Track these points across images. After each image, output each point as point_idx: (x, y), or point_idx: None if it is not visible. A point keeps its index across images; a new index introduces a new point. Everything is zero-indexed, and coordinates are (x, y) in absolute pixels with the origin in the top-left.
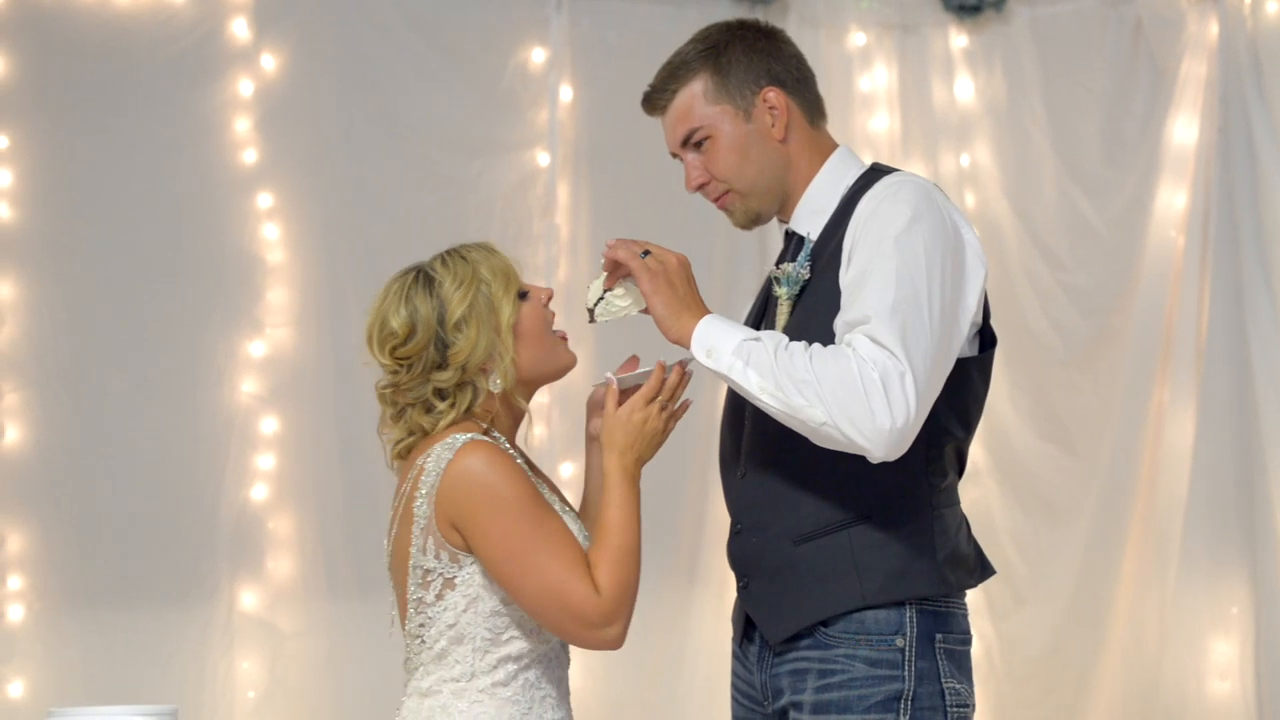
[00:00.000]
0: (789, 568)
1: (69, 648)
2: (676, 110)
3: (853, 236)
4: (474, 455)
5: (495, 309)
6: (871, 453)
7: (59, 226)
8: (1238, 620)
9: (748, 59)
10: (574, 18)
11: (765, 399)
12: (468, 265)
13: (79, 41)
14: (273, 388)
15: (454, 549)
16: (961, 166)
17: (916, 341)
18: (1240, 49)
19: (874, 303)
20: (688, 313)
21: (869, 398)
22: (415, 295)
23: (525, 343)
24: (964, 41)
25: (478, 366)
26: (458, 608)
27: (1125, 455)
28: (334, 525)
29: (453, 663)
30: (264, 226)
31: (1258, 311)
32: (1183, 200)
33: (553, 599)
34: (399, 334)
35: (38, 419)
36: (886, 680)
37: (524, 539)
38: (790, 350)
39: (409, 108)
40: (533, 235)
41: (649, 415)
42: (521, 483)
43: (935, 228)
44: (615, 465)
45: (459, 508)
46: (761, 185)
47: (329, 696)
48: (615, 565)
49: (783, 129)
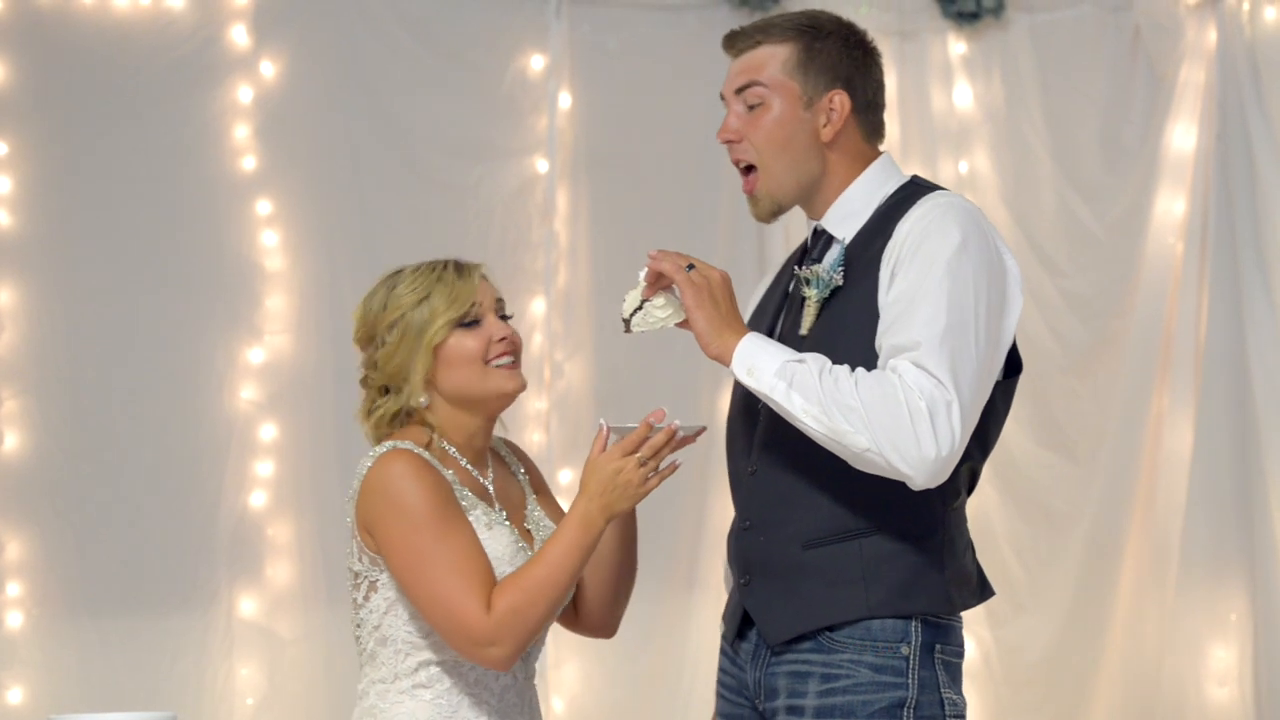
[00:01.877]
0: (796, 570)
1: (68, 654)
2: (751, 59)
3: (895, 253)
4: (390, 464)
5: (424, 326)
6: (913, 480)
7: (58, 233)
8: (1236, 627)
9: (837, 56)
10: (573, 24)
11: (809, 422)
12: (431, 276)
13: (78, 48)
14: (272, 394)
15: (372, 554)
16: (960, 173)
17: (964, 370)
18: (1239, 56)
19: (923, 330)
20: (728, 330)
21: (915, 426)
22: (381, 289)
23: (446, 368)
24: (963, 48)
25: (395, 374)
26: (380, 610)
27: (1124, 462)
28: (333, 532)
29: (380, 664)
30: (263, 233)
31: (1256, 318)
32: (1181, 207)
33: (441, 609)
34: (356, 320)
35: (37, 425)
36: (891, 687)
37: (421, 550)
38: (835, 375)
39: (408, 114)
40: (532, 241)
41: (623, 467)
42: (428, 494)
43: (983, 255)
44: (578, 508)
45: (370, 514)
46: (790, 175)
47: (327, 703)
48: (518, 591)
49: (833, 133)
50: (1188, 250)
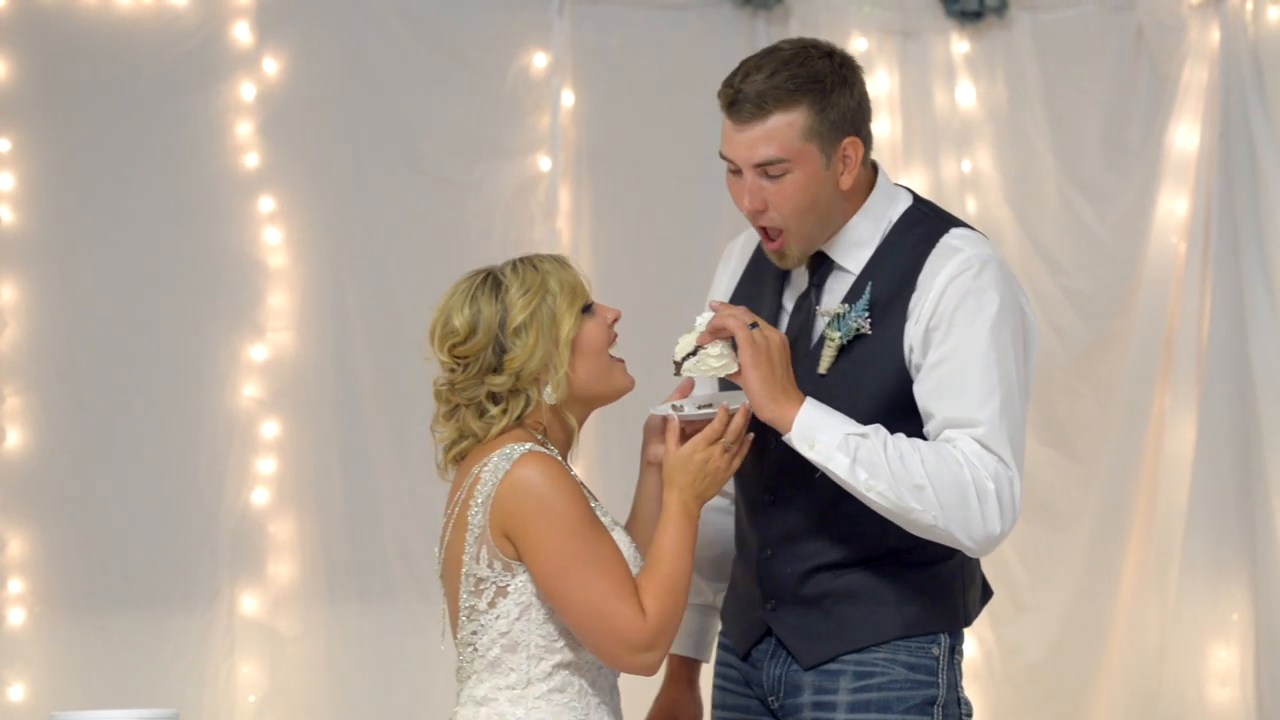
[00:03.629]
0: (826, 596)
1: (70, 651)
2: (766, 132)
3: (927, 309)
4: (531, 467)
5: (557, 321)
6: (974, 552)
7: (61, 230)
8: (1238, 627)
9: (844, 103)
10: (576, 23)
11: (873, 497)
12: (537, 274)
13: (81, 45)
14: (274, 392)
15: (506, 559)
16: (963, 172)
17: (1018, 442)
18: (1242, 55)
19: (981, 410)
20: (784, 396)
21: (983, 507)
22: (481, 297)
23: (582, 358)
24: (965, 47)
25: (532, 375)
26: (511, 615)
27: (1126, 461)
28: (335, 529)
29: (507, 670)
30: (265, 230)
31: (1259, 318)
32: (1184, 206)
33: (597, 618)
34: (459, 332)
35: (39, 422)
36: (924, 685)
37: (574, 556)
38: (900, 451)
39: (411, 112)
40: (534, 240)
41: (711, 456)
42: (577, 498)
43: (1015, 315)
44: (675, 501)
45: (513, 519)
46: (818, 230)
47: (329, 701)
48: (663, 592)
49: (851, 180)
50: (1190, 250)
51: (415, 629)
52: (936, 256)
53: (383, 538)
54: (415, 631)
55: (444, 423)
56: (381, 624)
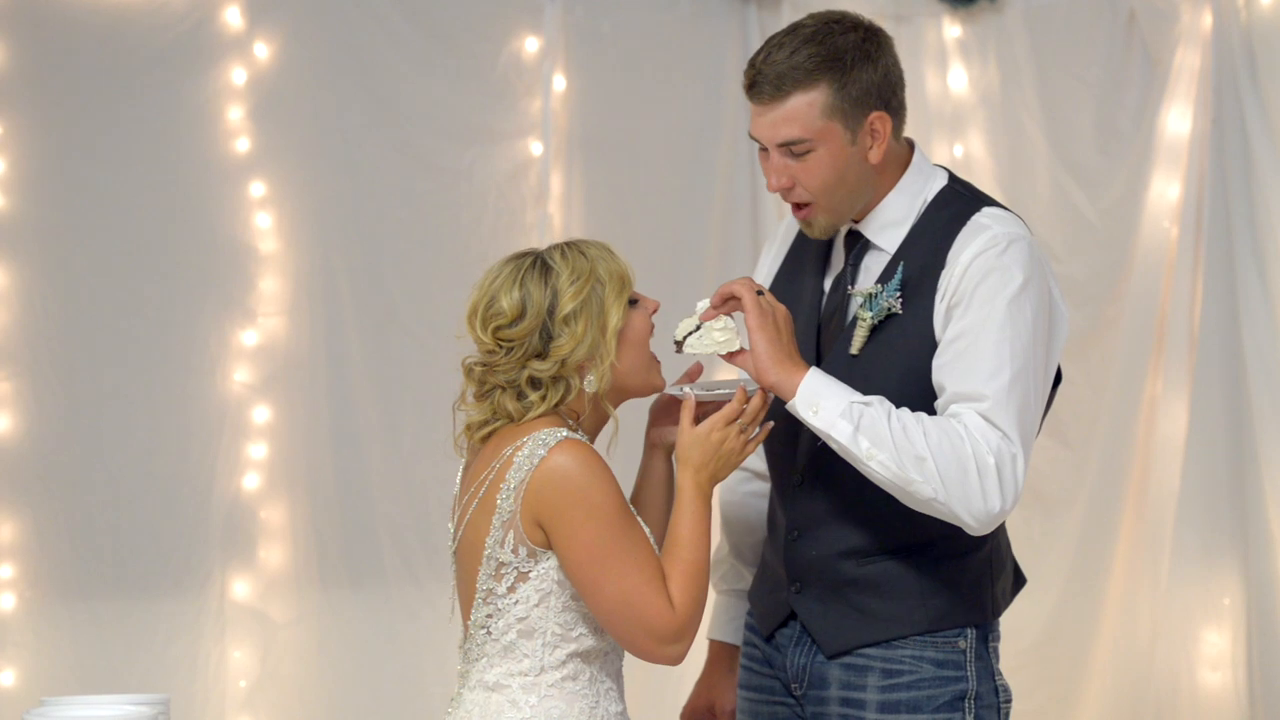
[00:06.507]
0: (851, 584)
1: (61, 637)
2: (787, 112)
3: (952, 285)
4: (569, 454)
5: (605, 310)
6: (972, 528)
7: (51, 215)
8: (1229, 611)
9: (867, 78)
10: (568, 7)
11: (874, 466)
12: (586, 262)
13: (71, 30)
14: (265, 377)
15: (534, 546)
16: (955, 157)
17: (1027, 420)
18: (1234, 40)
19: (989, 383)
20: (789, 361)
21: (983, 482)
22: (530, 280)
23: (627, 350)
24: (958, 32)
25: (576, 364)
26: (530, 601)
27: (1118, 446)
28: (326, 515)
29: (520, 656)
30: (256, 215)
31: (1251, 302)
32: (1176, 191)
33: (629, 609)
34: (507, 314)
35: (29, 407)
36: (953, 680)
37: (610, 546)
38: (903, 422)
39: (402, 97)
40: (525, 224)
41: (727, 436)
42: (614, 488)
43: (1040, 294)
44: (689, 481)
45: (548, 506)
46: (847, 204)
47: (320, 686)
48: (688, 581)
49: (880, 153)
50: (1182, 235)
51: (406, 614)
52: (965, 234)
53: (374, 523)
54: (406, 616)
55: (476, 403)
56: (373, 609)
